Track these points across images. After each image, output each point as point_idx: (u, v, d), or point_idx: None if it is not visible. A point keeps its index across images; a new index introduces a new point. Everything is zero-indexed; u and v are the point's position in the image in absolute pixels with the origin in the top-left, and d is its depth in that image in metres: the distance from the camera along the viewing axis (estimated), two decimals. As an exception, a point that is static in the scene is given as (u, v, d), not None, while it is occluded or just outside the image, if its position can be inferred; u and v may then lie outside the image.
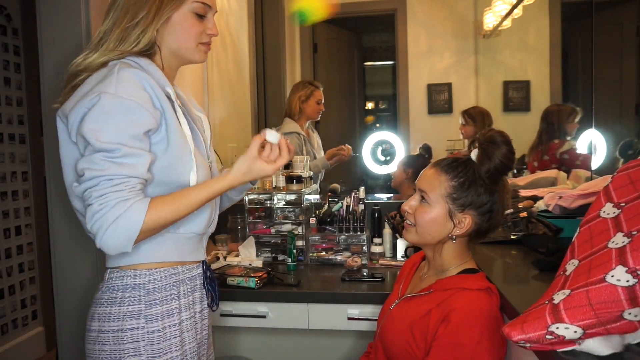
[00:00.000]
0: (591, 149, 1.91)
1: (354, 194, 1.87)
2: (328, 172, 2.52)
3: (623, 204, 0.68)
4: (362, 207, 1.84)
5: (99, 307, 0.99)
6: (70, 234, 1.44)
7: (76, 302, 1.46)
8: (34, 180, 2.92)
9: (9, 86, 2.75)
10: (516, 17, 2.41)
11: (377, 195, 2.55)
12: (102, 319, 0.97)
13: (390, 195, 2.47)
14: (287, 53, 2.74)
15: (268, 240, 1.87)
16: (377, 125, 3.04)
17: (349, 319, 1.50)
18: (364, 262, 1.75)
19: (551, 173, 2.05)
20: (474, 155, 1.07)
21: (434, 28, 2.66)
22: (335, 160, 2.38)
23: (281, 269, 1.76)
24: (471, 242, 1.13)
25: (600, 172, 1.79)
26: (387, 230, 1.86)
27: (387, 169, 2.61)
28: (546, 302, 0.68)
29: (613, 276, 0.61)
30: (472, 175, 1.05)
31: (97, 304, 1.00)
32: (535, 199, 1.72)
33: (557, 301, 0.66)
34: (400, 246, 1.80)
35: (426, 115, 2.68)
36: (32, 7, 1.55)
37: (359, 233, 1.80)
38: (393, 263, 1.76)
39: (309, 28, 2.78)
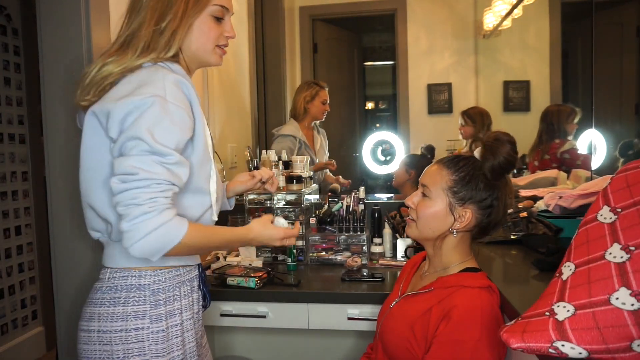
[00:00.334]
0: (591, 149, 1.91)
1: (354, 194, 1.88)
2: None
3: (619, 210, 0.68)
4: (362, 207, 1.84)
5: (100, 307, 0.98)
6: (70, 234, 1.44)
7: (76, 302, 1.45)
8: (34, 180, 2.92)
9: (9, 86, 2.75)
10: (516, 17, 2.41)
11: (377, 195, 2.55)
12: (104, 319, 0.97)
13: (390, 195, 2.47)
14: (287, 53, 2.74)
15: (268, 240, 1.87)
16: (377, 125, 3.04)
17: (349, 319, 1.50)
18: (364, 262, 1.75)
19: (551, 173, 2.05)
20: (477, 153, 1.10)
21: (434, 28, 2.66)
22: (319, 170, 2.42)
23: (281, 269, 1.76)
24: (473, 240, 1.14)
25: (600, 172, 1.79)
26: (387, 230, 1.86)
27: (387, 169, 2.61)
28: (547, 313, 0.68)
29: (618, 299, 0.61)
30: (473, 170, 1.08)
31: (97, 303, 0.99)
32: (535, 199, 1.73)
33: (561, 318, 0.65)
34: (400, 246, 1.80)
35: (426, 115, 2.68)
36: (32, 7, 1.55)
37: (359, 233, 1.80)
38: (393, 263, 1.76)
39: (309, 28, 2.78)
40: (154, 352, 0.97)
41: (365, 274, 1.63)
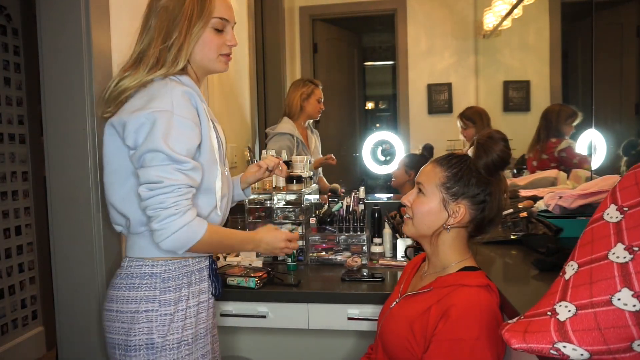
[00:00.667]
0: (591, 149, 1.91)
1: (354, 194, 1.87)
2: (328, 172, 2.51)
3: (626, 209, 0.66)
4: (362, 207, 1.84)
5: (118, 290, 1.12)
6: (70, 234, 1.44)
7: (76, 302, 1.46)
8: (34, 180, 2.92)
9: (9, 86, 2.75)
10: (516, 17, 2.41)
11: (377, 195, 2.55)
12: (120, 301, 1.11)
13: (390, 195, 2.47)
14: (287, 53, 2.74)
15: (268, 240, 1.87)
16: (377, 125, 3.04)
17: (349, 319, 1.50)
18: (364, 262, 1.75)
19: (551, 173, 2.05)
20: (471, 152, 1.12)
21: (434, 28, 2.66)
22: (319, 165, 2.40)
23: (281, 269, 1.76)
24: (471, 239, 1.14)
25: (600, 172, 1.79)
26: (387, 230, 1.86)
27: (387, 169, 2.61)
28: (548, 312, 0.67)
29: (620, 299, 0.61)
30: (466, 166, 1.10)
31: (117, 287, 1.13)
32: (535, 199, 1.72)
33: (562, 318, 0.65)
34: (400, 246, 1.80)
35: (426, 115, 2.68)
36: (32, 7, 1.55)
37: (359, 233, 1.80)
38: (393, 263, 1.76)
39: (309, 28, 2.79)
40: (160, 331, 1.10)
41: (365, 274, 1.63)
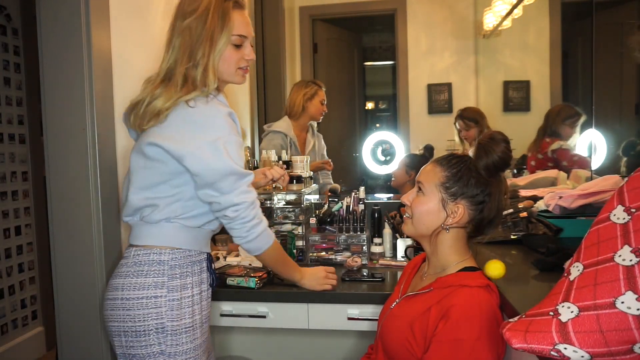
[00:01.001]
0: (591, 149, 1.91)
1: (354, 194, 1.87)
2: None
3: (634, 210, 0.65)
4: (362, 207, 1.84)
5: (125, 278, 1.17)
6: (70, 234, 1.44)
7: (76, 302, 1.46)
8: (34, 180, 2.92)
9: (9, 86, 2.75)
10: (516, 17, 2.41)
11: (377, 195, 2.55)
12: (127, 288, 1.15)
13: (390, 195, 2.47)
14: (287, 53, 2.74)
15: (268, 240, 1.87)
16: (377, 125, 3.04)
17: (349, 319, 1.50)
18: (364, 262, 1.75)
19: (551, 173, 2.05)
20: (472, 152, 1.12)
21: (434, 28, 2.66)
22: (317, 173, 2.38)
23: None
24: (470, 239, 1.14)
25: (600, 172, 1.79)
26: (387, 230, 1.86)
27: (387, 169, 2.61)
28: (550, 313, 0.67)
29: (623, 302, 0.60)
30: (466, 166, 1.10)
31: (123, 275, 1.17)
32: (535, 199, 1.72)
33: (564, 319, 0.65)
34: (400, 246, 1.80)
35: (426, 115, 2.68)
36: (32, 7, 1.55)
37: (359, 233, 1.80)
38: (393, 263, 1.76)
39: (309, 28, 2.78)
40: (169, 316, 1.15)
41: (365, 274, 1.63)
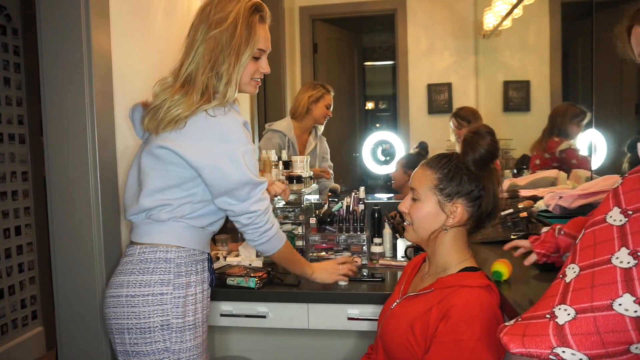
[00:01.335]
0: (591, 149, 1.91)
1: (354, 194, 1.87)
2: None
3: (630, 212, 0.65)
4: (362, 207, 1.84)
5: (130, 275, 1.17)
6: (70, 234, 1.44)
7: (76, 302, 1.46)
8: (34, 180, 2.92)
9: (9, 86, 2.75)
10: (516, 17, 2.40)
11: (377, 195, 2.55)
12: (132, 285, 1.16)
13: (390, 195, 2.47)
14: (287, 53, 2.74)
15: (268, 240, 1.87)
16: (377, 125, 3.04)
17: (349, 319, 1.50)
18: (364, 262, 1.75)
19: (551, 173, 2.05)
20: (459, 148, 1.12)
21: (434, 28, 2.66)
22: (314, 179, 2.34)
23: (281, 268, 1.76)
24: (470, 235, 1.14)
25: (601, 172, 1.79)
26: (387, 230, 1.86)
27: (387, 169, 2.61)
28: (547, 315, 0.67)
29: (621, 305, 0.60)
30: (455, 165, 1.10)
31: (128, 273, 1.18)
32: (535, 199, 1.72)
33: (561, 321, 0.64)
34: (400, 246, 1.80)
35: (426, 115, 2.68)
36: (32, 7, 1.55)
37: (359, 233, 1.80)
38: (393, 263, 1.76)
39: (309, 28, 2.78)
40: (174, 313, 1.17)
41: (365, 274, 1.63)
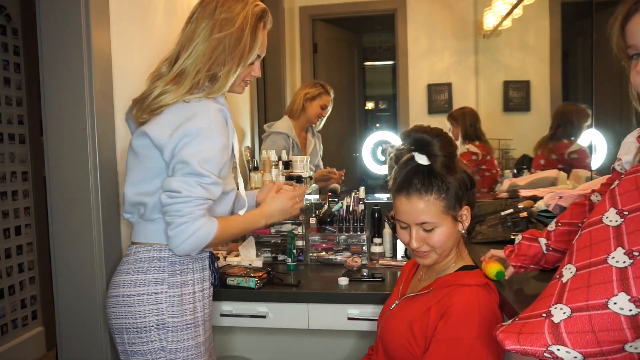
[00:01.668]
0: (591, 149, 1.91)
1: (354, 194, 1.87)
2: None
3: (626, 213, 0.65)
4: (362, 207, 1.84)
5: (126, 275, 1.17)
6: (70, 234, 1.44)
7: (76, 302, 1.45)
8: (34, 180, 2.92)
9: (9, 86, 2.75)
10: (516, 17, 2.40)
11: (377, 195, 2.55)
12: (128, 285, 1.16)
13: (390, 195, 2.46)
14: (287, 53, 2.74)
15: (268, 240, 1.87)
16: (377, 125, 3.04)
17: (349, 319, 1.50)
18: (364, 262, 1.75)
19: (551, 173, 2.05)
20: (422, 160, 1.07)
21: (434, 28, 2.66)
22: (322, 184, 2.31)
23: (281, 269, 1.76)
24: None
25: (601, 172, 1.79)
26: (387, 230, 1.86)
27: (387, 169, 2.61)
28: (543, 314, 0.67)
29: (616, 303, 0.60)
30: (440, 179, 1.06)
31: (124, 273, 1.17)
32: (535, 199, 1.72)
33: (556, 320, 0.65)
34: (400, 246, 1.80)
35: (426, 115, 2.68)
36: (32, 7, 1.55)
37: (359, 233, 1.80)
38: (393, 263, 1.76)
39: (309, 28, 2.78)
40: (170, 312, 1.15)
41: (365, 274, 1.63)
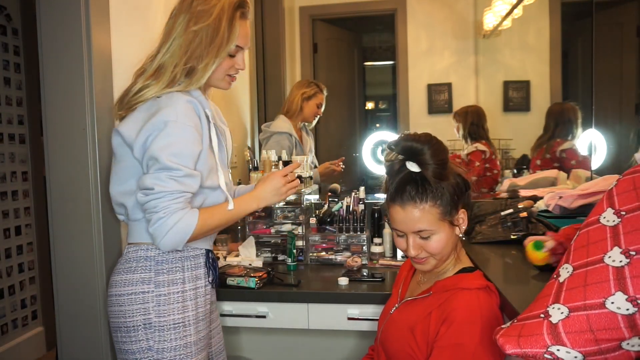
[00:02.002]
0: (591, 149, 1.91)
1: (354, 194, 1.87)
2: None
3: (624, 213, 0.66)
4: (362, 207, 1.84)
5: (118, 275, 1.19)
6: (70, 234, 1.44)
7: (76, 302, 1.46)
8: (34, 180, 2.92)
9: (9, 86, 2.75)
10: (516, 17, 2.40)
11: (377, 195, 2.54)
12: (119, 285, 1.17)
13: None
14: (287, 53, 2.74)
15: (268, 240, 1.87)
16: (377, 125, 3.04)
17: (349, 319, 1.50)
18: (364, 262, 1.75)
19: (551, 173, 2.05)
20: (413, 167, 1.06)
21: (434, 28, 2.66)
22: (325, 177, 2.35)
23: (281, 269, 1.76)
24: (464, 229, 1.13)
25: (600, 172, 1.79)
26: (387, 230, 1.86)
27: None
28: (541, 315, 0.67)
29: (613, 303, 0.61)
30: (436, 185, 1.04)
31: (117, 273, 1.20)
32: (535, 199, 1.72)
33: (555, 320, 0.65)
34: (400, 246, 1.79)
35: (426, 115, 2.68)
36: (32, 7, 1.55)
37: (359, 233, 1.80)
38: (393, 263, 1.76)
39: (309, 28, 2.79)
40: (157, 311, 1.15)
41: (365, 274, 1.63)
